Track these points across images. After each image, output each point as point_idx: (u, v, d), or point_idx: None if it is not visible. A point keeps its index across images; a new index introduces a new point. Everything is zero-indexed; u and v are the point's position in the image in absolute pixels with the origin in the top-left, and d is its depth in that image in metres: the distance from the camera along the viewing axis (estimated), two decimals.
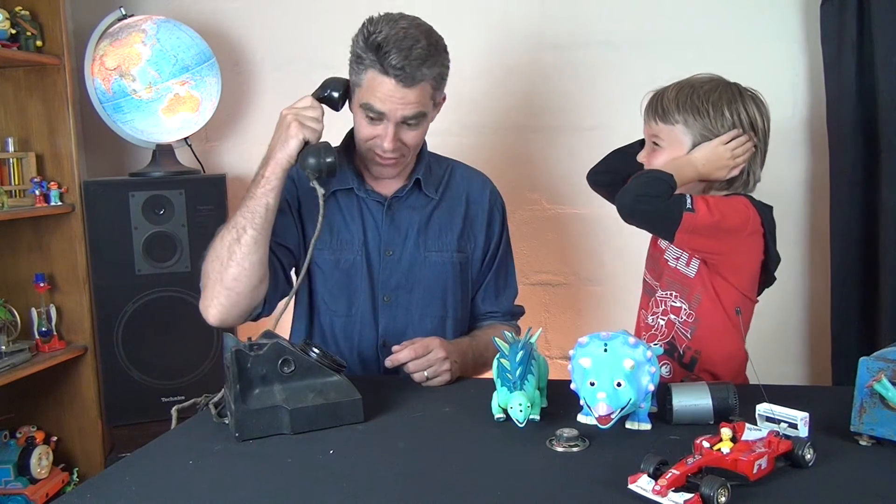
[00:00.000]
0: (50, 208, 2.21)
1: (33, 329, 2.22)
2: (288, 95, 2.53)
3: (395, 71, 1.39)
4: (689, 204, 1.26)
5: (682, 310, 1.37)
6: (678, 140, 1.36)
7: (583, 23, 2.26)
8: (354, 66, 1.45)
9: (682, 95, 1.36)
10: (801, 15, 2.13)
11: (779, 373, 1.83)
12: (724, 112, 1.34)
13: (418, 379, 1.39)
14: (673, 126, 1.37)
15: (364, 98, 1.44)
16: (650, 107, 1.40)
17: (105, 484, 1.01)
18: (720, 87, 1.37)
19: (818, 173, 2.14)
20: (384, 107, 1.43)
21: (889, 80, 1.93)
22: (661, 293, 1.41)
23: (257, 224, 1.38)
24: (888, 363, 1.01)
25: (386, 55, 1.38)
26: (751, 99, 1.37)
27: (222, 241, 1.39)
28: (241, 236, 1.37)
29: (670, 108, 1.36)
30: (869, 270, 2.03)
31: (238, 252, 1.37)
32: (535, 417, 1.13)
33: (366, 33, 1.42)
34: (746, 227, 1.33)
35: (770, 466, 0.92)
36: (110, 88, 2.16)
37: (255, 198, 1.39)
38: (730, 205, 1.33)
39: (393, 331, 1.54)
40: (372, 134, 1.47)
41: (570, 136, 2.28)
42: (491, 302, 1.67)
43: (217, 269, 1.39)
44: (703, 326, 1.36)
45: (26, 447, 2.20)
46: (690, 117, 1.35)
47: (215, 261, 1.39)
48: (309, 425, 1.14)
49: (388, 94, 1.41)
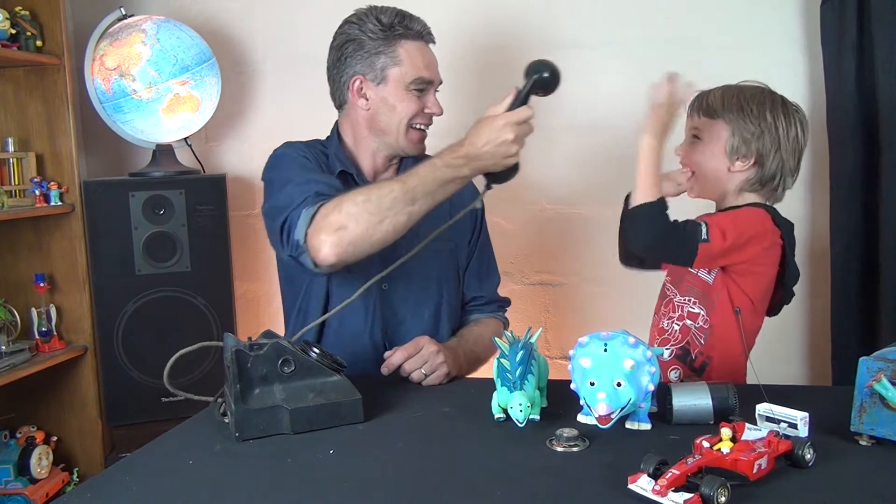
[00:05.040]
0: (50, 208, 2.20)
1: (33, 329, 2.22)
2: (288, 95, 2.55)
3: (425, 33, 1.52)
4: (705, 234, 1.28)
5: (700, 315, 1.39)
6: (718, 135, 1.40)
7: (583, 23, 2.26)
8: (379, 47, 1.50)
9: (727, 94, 1.41)
10: (801, 15, 2.13)
11: (779, 373, 1.83)
12: (766, 115, 1.37)
13: (416, 378, 1.40)
14: (715, 121, 1.40)
15: (411, 75, 1.51)
16: (695, 101, 1.43)
17: (105, 484, 1.01)
18: (765, 93, 1.41)
19: (818, 173, 2.14)
20: (431, 73, 1.53)
21: (889, 80, 1.94)
22: (679, 298, 1.43)
23: (428, 204, 1.35)
24: (888, 363, 1.01)
25: (410, 22, 1.50)
26: (794, 111, 1.41)
27: (390, 194, 1.33)
28: (413, 202, 1.33)
29: (715, 104, 1.40)
30: (869, 270, 2.03)
31: (401, 217, 1.33)
32: (535, 417, 1.13)
33: (374, 16, 1.51)
34: (765, 239, 1.35)
35: (770, 466, 0.92)
36: (110, 88, 2.17)
37: (442, 183, 1.35)
38: (747, 218, 1.36)
39: (391, 319, 1.56)
40: (419, 107, 1.53)
41: (570, 136, 2.28)
42: (475, 287, 1.69)
43: (366, 220, 1.32)
44: (716, 333, 1.37)
45: (26, 447, 2.20)
46: (733, 114, 1.38)
47: (369, 210, 1.32)
48: (309, 425, 1.14)
49: (430, 59, 1.54)
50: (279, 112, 2.48)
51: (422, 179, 1.35)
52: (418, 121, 1.55)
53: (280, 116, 2.47)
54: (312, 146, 1.60)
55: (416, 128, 1.56)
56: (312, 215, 1.35)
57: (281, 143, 1.61)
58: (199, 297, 2.21)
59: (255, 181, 2.50)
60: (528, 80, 1.35)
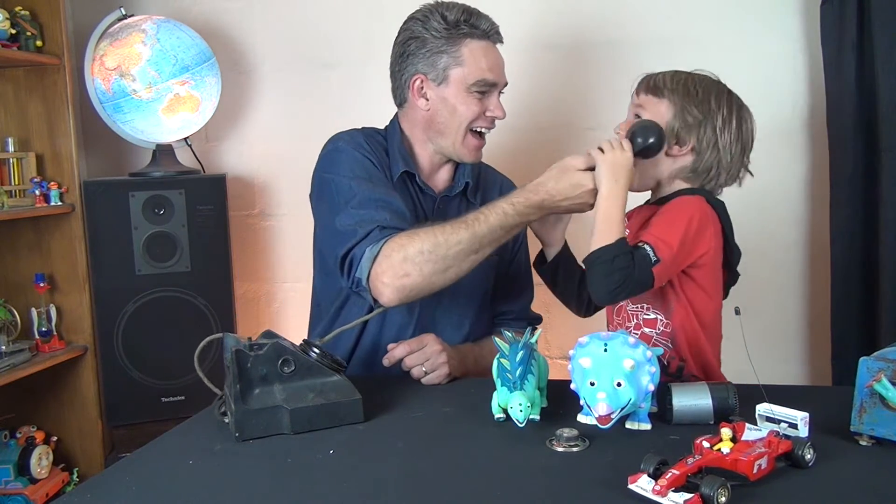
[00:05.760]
0: (50, 208, 2.21)
1: (33, 329, 2.22)
2: (288, 95, 2.55)
3: (492, 32, 1.47)
4: (653, 256, 1.22)
5: (659, 321, 1.34)
6: (660, 113, 1.35)
7: (583, 23, 2.26)
8: (442, 46, 1.46)
9: (677, 76, 1.37)
10: (801, 15, 2.13)
11: (779, 373, 1.83)
12: (710, 102, 1.34)
13: (416, 375, 1.39)
14: (660, 99, 1.36)
15: (473, 76, 1.46)
16: (643, 81, 1.40)
17: (105, 484, 1.01)
18: (715, 83, 1.38)
19: (818, 173, 2.14)
20: (495, 76, 1.48)
21: (889, 80, 1.93)
22: (631, 307, 1.37)
23: (492, 249, 1.36)
24: (888, 363, 1.00)
25: (478, 20, 1.45)
26: (740, 106, 1.37)
27: (457, 245, 1.32)
28: (478, 251, 1.33)
29: (662, 83, 1.36)
30: (869, 270, 2.03)
31: (465, 265, 1.33)
32: (535, 417, 1.13)
33: (440, 13, 1.46)
34: (709, 226, 1.29)
35: (770, 466, 0.92)
36: (110, 88, 2.17)
37: (509, 229, 1.34)
38: (684, 213, 1.28)
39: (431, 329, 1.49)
40: (481, 110, 1.49)
41: (570, 136, 2.28)
42: (507, 302, 1.67)
43: (430, 269, 1.32)
44: (680, 335, 1.33)
45: (26, 447, 2.20)
46: (678, 95, 1.35)
47: (433, 260, 1.32)
48: (309, 425, 1.14)
49: (496, 61, 1.49)
50: (279, 112, 2.48)
51: (490, 228, 1.32)
52: (479, 124, 1.51)
53: (280, 116, 2.48)
54: (372, 139, 1.55)
55: (476, 131, 1.52)
56: (376, 255, 1.34)
57: (281, 142, 1.60)
58: (199, 297, 2.21)
59: (256, 181, 2.51)
60: (634, 143, 1.30)
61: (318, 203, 1.52)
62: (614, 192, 1.26)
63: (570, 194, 1.30)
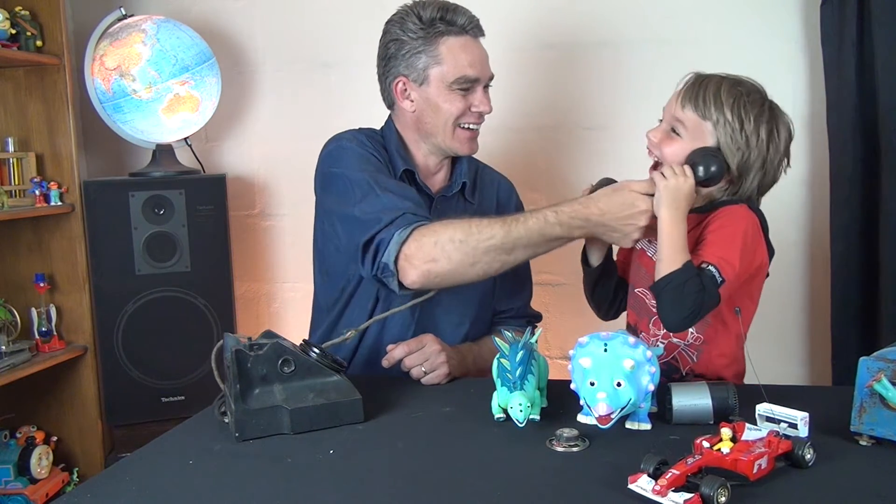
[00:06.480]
0: (50, 208, 2.21)
1: (33, 329, 2.22)
2: (287, 96, 2.55)
3: (470, 27, 1.44)
4: (720, 278, 1.20)
5: (689, 332, 1.31)
6: (702, 136, 1.29)
7: (583, 23, 2.26)
8: (420, 46, 1.45)
9: (728, 95, 1.28)
10: (801, 15, 2.13)
11: (779, 373, 1.83)
12: (760, 132, 1.27)
13: (416, 375, 1.39)
14: (703, 121, 1.28)
15: (453, 74, 1.45)
16: (690, 91, 1.30)
17: (105, 484, 1.01)
18: (765, 103, 1.30)
19: (818, 173, 2.14)
20: (476, 71, 1.46)
21: (889, 80, 1.93)
22: None
23: (526, 256, 1.34)
24: (888, 363, 1.00)
25: (454, 15, 1.43)
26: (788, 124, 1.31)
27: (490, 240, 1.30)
28: (511, 252, 1.32)
29: (711, 103, 1.28)
30: (869, 270, 2.03)
31: (495, 265, 1.32)
32: (535, 417, 1.13)
33: (415, 13, 1.45)
34: (759, 236, 1.28)
35: (770, 466, 0.92)
36: (110, 88, 2.17)
37: (549, 239, 1.31)
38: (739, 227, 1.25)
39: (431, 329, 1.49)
40: (465, 106, 1.48)
41: (570, 136, 2.28)
42: (506, 299, 1.67)
43: (459, 260, 1.31)
44: (712, 349, 1.31)
45: (26, 447, 2.20)
46: (724, 119, 1.27)
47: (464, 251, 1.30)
48: (309, 425, 1.14)
49: (477, 55, 1.47)
50: (279, 112, 2.48)
51: (528, 231, 1.30)
52: (465, 120, 1.50)
53: (280, 116, 2.48)
54: (372, 138, 1.55)
55: (465, 127, 1.51)
56: (404, 239, 1.33)
57: (281, 142, 1.60)
58: (199, 297, 2.21)
59: (256, 181, 2.51)
60: (695, 171, 1.26)
61: (326, 197, 1.51)
62: (676, 219, 1.23)
63: (621, 213, 1.27)
